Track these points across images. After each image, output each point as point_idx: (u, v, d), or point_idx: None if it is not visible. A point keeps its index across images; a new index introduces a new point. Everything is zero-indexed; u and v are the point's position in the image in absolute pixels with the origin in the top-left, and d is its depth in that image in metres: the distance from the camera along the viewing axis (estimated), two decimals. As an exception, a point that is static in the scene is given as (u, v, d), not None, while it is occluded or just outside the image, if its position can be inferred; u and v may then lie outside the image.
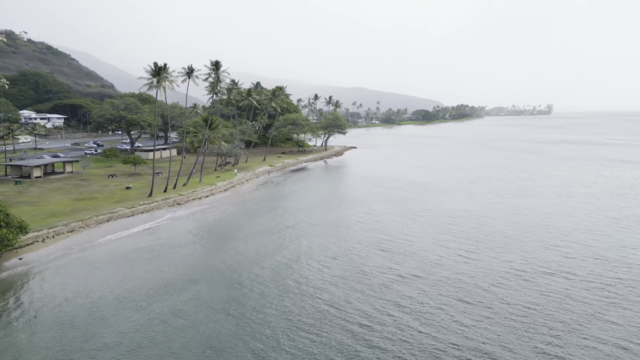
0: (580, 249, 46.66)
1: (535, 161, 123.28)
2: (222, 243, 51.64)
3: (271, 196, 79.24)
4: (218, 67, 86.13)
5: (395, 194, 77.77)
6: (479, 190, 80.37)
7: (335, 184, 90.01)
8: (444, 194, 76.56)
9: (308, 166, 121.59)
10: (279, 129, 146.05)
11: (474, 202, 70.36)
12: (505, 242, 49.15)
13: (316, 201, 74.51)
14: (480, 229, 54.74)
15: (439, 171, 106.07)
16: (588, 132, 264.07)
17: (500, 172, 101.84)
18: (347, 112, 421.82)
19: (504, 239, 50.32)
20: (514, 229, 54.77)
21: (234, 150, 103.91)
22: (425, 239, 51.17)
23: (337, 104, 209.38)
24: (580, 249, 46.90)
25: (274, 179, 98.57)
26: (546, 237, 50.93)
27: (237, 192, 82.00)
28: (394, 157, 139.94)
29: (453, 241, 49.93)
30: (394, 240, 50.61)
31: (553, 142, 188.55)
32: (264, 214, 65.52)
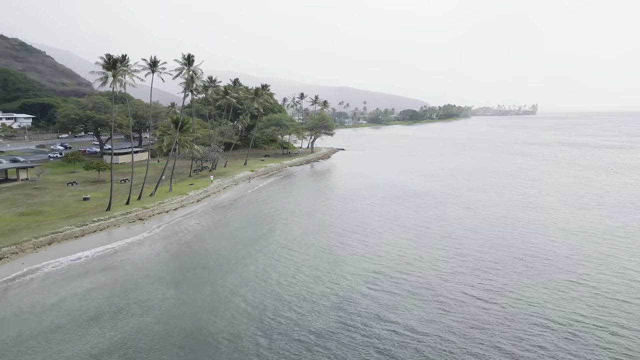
0: (622, 287, 38.43)
1: (534, 165, 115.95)
2: (188, 281, 41.56)
3: (249, 209, 69.91)
4: (191, 62, 76.42)
5: (389, 207, 68.93)
6: (480, 201, 72.15)
7: (324, 195, 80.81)
8: (444, 207, 68.06)
9: (293, 171, 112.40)
10: (262, 130, 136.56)
11: (478, 216, 61.96)
12: (529, 274, 40.71)
13: (301, 218, 65.40)
14: (492, 254, 46.24)
15: (434, 177, 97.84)
16: (581, 133, 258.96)
17: (499, 179, 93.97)
18: (334, 112, 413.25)
19: (526, 270, 41.88)
20: (532, 251, 46.43)
21: (210, 154, 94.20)
22: (428, 271, 42.45)
23: (324, 103, 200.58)
24: (621, 286, 38.67)
25: (255, 186, 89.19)
26: (575, 267, 42.65)
27: (212, 204, 72.47)
28: (385, 160, 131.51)
29: (462, 273, 41.27)
30: (390, 275, 41.81)
31: (549, 144, 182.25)
32: (241, 235, 56.17)
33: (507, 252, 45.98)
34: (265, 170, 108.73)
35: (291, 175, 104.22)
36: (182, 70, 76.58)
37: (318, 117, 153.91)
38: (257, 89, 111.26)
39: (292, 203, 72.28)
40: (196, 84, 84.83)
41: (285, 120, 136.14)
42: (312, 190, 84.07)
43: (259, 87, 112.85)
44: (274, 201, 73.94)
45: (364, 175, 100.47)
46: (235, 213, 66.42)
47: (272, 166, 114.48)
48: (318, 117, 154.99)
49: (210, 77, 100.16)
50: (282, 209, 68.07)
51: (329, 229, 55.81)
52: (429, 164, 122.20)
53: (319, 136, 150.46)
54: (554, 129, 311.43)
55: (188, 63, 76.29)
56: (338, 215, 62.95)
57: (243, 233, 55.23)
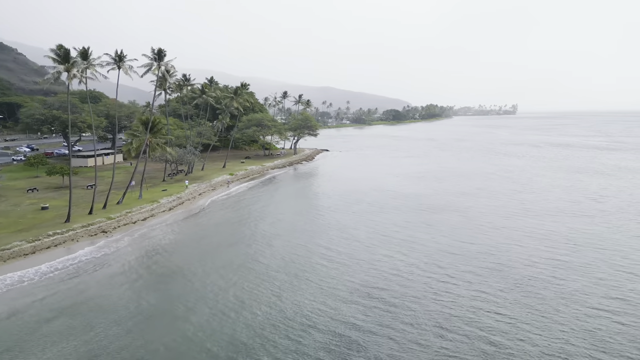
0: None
1: (524, 167, 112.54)
2: (151, 317, 35.46)
3: (226, 219, 64.04)
4: (161, 57, 70.00)
5: (377, 217, 63.89)
6: (473, 207, 67.68)
7: (307, 203, 75.22)
8: (435, 216, 63.29)
9: (275, 174, 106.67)
10: (242, 131, 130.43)
11: (473, 226, 57.26)
12: (542, 301, 36.06)
13: (283, 231, 59.90)
14: (496, 274, 41.48)
15: (422, 180, 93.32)
16: (566, 134, 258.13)
17: (490, 182, 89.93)
18: (317, 111, 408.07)
19: (537, 294, 37.23)
20: (540, 270, 41.87)
21: (185, 157, 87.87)
22: (426, 295, 37.47)
23: (307, 103, 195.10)
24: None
25: (234, 192, 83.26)
26: (594, 289, 38.19)
27: (185, 213, 66.38)
28: (370, 162, 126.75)
29: (464, 297, 36.41)
30: (383, 299, 36.72)
31: (535, 145, 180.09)
32: (215, 252, 50.35)
33: (511, 271, 41.29)
34: (245, 173, 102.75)
35: (273, 179, 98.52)
36: (152, 66, 70.10)
37: (301, 117, 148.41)
38: (237, 88, 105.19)
39: (273, 212, 66.64)
40: (169, 81, 78.53)
41: (266, 120, 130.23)
42: (295, 197, 78.54)
43: (238, 86, 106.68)
44: (253, 210, 68.19)
45: (350, 179, 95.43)
46: (210, 224, 60.49)
47: (253, 169, 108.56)
48: (301, 117, 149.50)
49: (185, 75, 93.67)
50: (262, 219, 62.41)
51: (313, 244, 50.41)
52: (415, 165, 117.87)
53: (302, 137, 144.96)
54: (538, 129, 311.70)
55: (158, 58, 69.83)
56: (323, 227, 57.55)
57: (218, 250, 49.47)
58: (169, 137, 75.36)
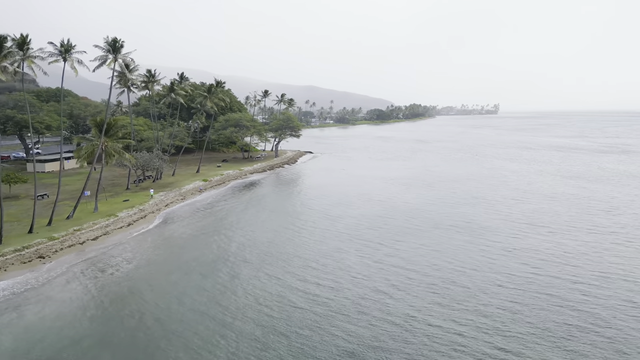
0: None
1: (521, 171, 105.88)
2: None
3: (192, 238, 55.26)
4: (117, 49, 60.55)
5: (367, 236, 55.50)
6: (474, 221, 60.17)
7: (288, 217, 66.04)
8: (431, 234, 55.58)
9: (254, 180, 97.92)
10: (218, 132, 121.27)
11: (478, 248, 49.68)
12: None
13: (255, 252, 51.44)
14: (521, 317, 33.97)
15: (413, 187, 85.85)
16: (554, 134, 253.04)
17: (487, 189, 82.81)
18: (300, 111, 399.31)
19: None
20: (570, 314, 34.48)
21: (151, 163, 78.58)
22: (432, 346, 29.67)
23: (289, 102, 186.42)
24: None
25: (206, 201, 74.37)
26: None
27: (146, 229, 57.32)
28: (357, 166, 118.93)
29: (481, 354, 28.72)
30: (380, 348, 28.78)
31: (527, 147, 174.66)
32: (175, 285, 41.66)
33: (539, 315, 33.75)
34: (221, 179, 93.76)
35: (251, 186, 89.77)
36: (106, 58, 60.65)
37: (283, 117, 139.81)
38: (211, 86, 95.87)
39: (245, 229, 58.01)
40: (129, 77, 69.22)
41: (245, 121, 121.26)
42: (273, 209, 69.79)
43: (212, 84, 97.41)
44: (223, 226, 59.46)
45: (334, 185, 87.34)
46: (173, 245, 51.61)
47: (230, 174, 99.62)
48: (283, 116, 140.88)
49: (150, 71, 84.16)
50: (232, 238, 53.74)
51: (288, 277, 42.04)
52: (403, 169, 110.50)
53: (284, 138, 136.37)
54: (523, 130, 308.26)
55: (114, 50, 60.41)
56: (302, 250, 49.06)
57: (178, 282, 40.76)
58: (128, 141, 66.01)
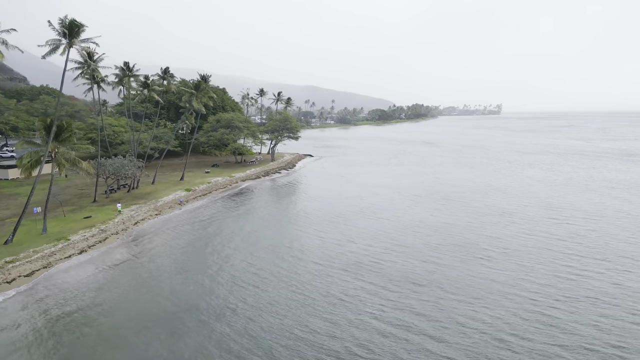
0: None
1: (547, 181, 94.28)
2: None
3: (161, 272, 43.57)
4: (74, 33, 48.91)
5: (376, 268, 44.24)
6: (512, 249, 48.59)
7: (281, 242, 54.33)
8: (465, 269, 44.11)
9: (246, 188, 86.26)
10: (208, 134, 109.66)
11: (527, 293, 38.22)
12: None
13: (233, 299, 39.87)
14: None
15: (426, 200, 74.29)
16: (572, 136, 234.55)
17: (515, 203, 70.94)
18: (300, 111, 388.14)
19: None
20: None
21: (122, 170, 67.00)
22: None
23: (288, 101, 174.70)
24: None
25: (186, 216, 62.70)
26: None
27: (101, 259, 45.58)
28: (361, 172, 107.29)
29: None
30: None
31: (546, 151, 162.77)
32: (129, 350, 30.03)
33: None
34: (207, 188, 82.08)
35: (241, 196, 78.08)
36: (59, 44, 48.92)
37: (280, 117, 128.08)
38: (199, 82, 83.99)
39: (230, 260, 46.28)
40: (92, 68, 57.52)
41: (237, 121, 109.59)
42: (262, 230, 57.76)
43: (200, 80, 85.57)
44: (198, 255, 47.64)
45: (338, 198, 75.62)
46: (134, 282, 39.89)
47: (218, 181, 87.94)
48: (280, 117, 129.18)
49: (127, 64, 72.57)
50: (205, 279, 42.10)
51: (287, 326, 30.56)
52: (412, 177, 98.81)
53: (281, 140, 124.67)
54: (535, 131, 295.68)
55: (69, 34, 48.72)
56: (303, 289, 37.59)
57: (134, 345, 29.16)
58: (85, 146, 54.33)
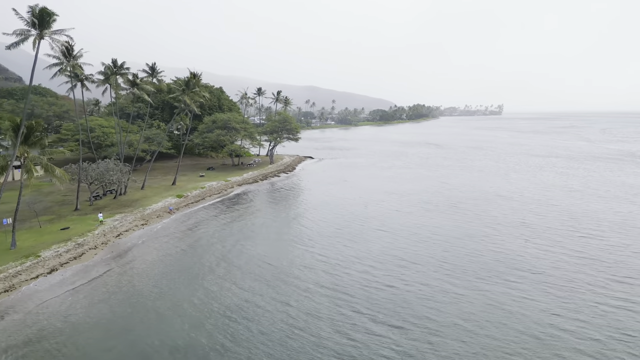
0: None
1: (564, 186, 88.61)
2: None
3: (136, 294, 38.08)
4: (45, 23, 43.39)
5: (385, 302, 38.84)
6: (543, 269, 43.14)
7: (278, 264, 49.02)
8: (483, 294, 38.64)
9: (242, 194, 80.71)
10: (203, 135, 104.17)
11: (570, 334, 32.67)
12: None
13: (218, 336, 34.44)
14: None
15: (435, 210, 68.77)
16: (584, 138, 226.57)
17: (541, 216, 65.12)
18: (300, 111, 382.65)
19: None
20: None
21: (106, 176, 61.49)
22: None
23: (287, 100, 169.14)
24: None
25: (174, 227, 57.16)
26: None
27: (74, 278, 40.06)
28: (365, 176, 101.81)
29: None
30: None
31: (557, 155, 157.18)
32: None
33: None
34: (200, 193, 76.59)
35: (237, 203, 72.48)
36: (27, 34, 43.37)
37: (279, 118, 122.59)
38: (188, 80, 78.36)
39: (220, 286, 40.86)
40: (72, 65, 52.02)
41: (234, 122, 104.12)
42: (260, 245, 52.31)
43: (190, 77, 79.79)
44: (189, 276, 42.17)
45: (341, 207, 69.98)
46: (107, 314, 34.22)
47: (213, 186, 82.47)
48: (279, 117, 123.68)
49: (115, 61, 67.06)
50: (200, 306, 36.58)
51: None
52: (418, 182, 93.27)
53: (280, 142, 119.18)
54: (542, 132, 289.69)
55: (39, 24, 43.20)
56: (305, 326, 32.11)
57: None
58: (59, 151, 48.91)
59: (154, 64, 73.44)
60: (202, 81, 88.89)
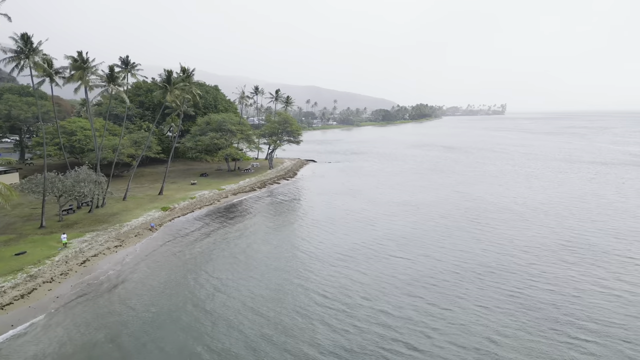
0: None
1: (604, 196, 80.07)
2: None
3: (94, 346, 29.52)
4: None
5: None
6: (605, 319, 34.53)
7: (274, 299, 40.89)
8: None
9: (236, 206, 72.05)
10: (195, 138, 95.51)
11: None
12: None
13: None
14: None
15: (454, 225, 60.25)
16: (601, 140, 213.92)
17: (574, 230, 56.85)
18: (301, 111, 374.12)
19: None
20: None
21: (75, 189, 52.88)
22: None
23: (288, 100, 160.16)
24: None
25: (152, 248, 48.52)
26: None
27: (11, 326, 31.50)
28: (370, 182, 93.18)
29: None
30: None
31: (580, 158, 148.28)
32: None
33: None
34: (188, 205, 67.96)
35: (229, 218, 63.73)
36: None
37: (279, 119, 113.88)
38: (168, 75, 68.79)
39: (200, 339, 32.30)
40: (30, 58, 43.55)
41: (229, 123, 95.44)
42: (250, 278, 43.64)
43: (171, 71, 70.37)
44: (163, 327, 33.62)
45: (346, 224, 61.16)
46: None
47: (204, 196, 73.85)
48: (279, 118, 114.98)
49: (80, 53, 58.32)
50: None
51: None
52: (434, 189, 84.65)
53: (280, 145, 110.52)
54: (550, 133, 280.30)
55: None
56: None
57: None
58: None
59: (127, 57, 64.61)
60: (194, 78, 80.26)
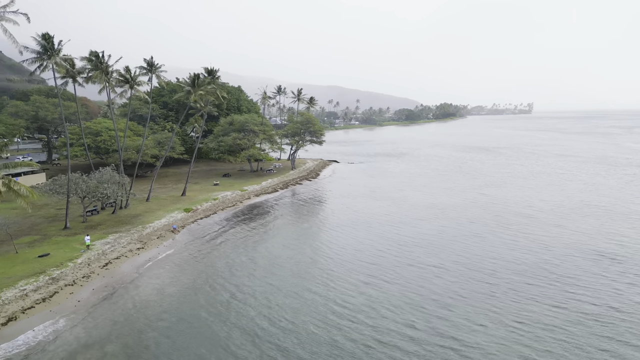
0: None
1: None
2: None
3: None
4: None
5: None
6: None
7: (294, 322, 39.23)
8: None
9: (258, 207, 70.91)
10: (218, 139, 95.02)
11: None
12: None
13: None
14: None
15: (492, 233, 57.51)
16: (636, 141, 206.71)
17: (629, 247, 53.44)
18: (323, 111, 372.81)
19: None
20: None
21: (98, 189, 52.57)
22: None
23: (311, 101, 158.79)
24: None
25: (177, 254, 47.66)
26: None
27: (27, 349, 30.83)
28: (396, 185, 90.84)
29: None
30: None
31: (628, 161, 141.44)
32: None
33: None
34: (211, 206, 67.22)
35: (251, 220, 62.54)
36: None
37: (301, 119, 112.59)
38: (195, 77, 68.38)
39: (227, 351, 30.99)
40: (52, 59, 43.25)
41: (252, 124, 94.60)
42: (272, 292, 42.57)
43: (198, 74, 69.84)
44: (184, 337, 32.50)
45: (370, 230, 59.26)
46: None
47: (227, 197, 73.08)
48: (301, 118, 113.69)
49: (95, 53, 57.50)
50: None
51: None
52: (462, 192, 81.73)
53: (302, 146, 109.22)
54: (582, 133, 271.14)
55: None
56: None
57: None
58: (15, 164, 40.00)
59: (152, 59, 64.18)
60: (219, 79, 79.66)
